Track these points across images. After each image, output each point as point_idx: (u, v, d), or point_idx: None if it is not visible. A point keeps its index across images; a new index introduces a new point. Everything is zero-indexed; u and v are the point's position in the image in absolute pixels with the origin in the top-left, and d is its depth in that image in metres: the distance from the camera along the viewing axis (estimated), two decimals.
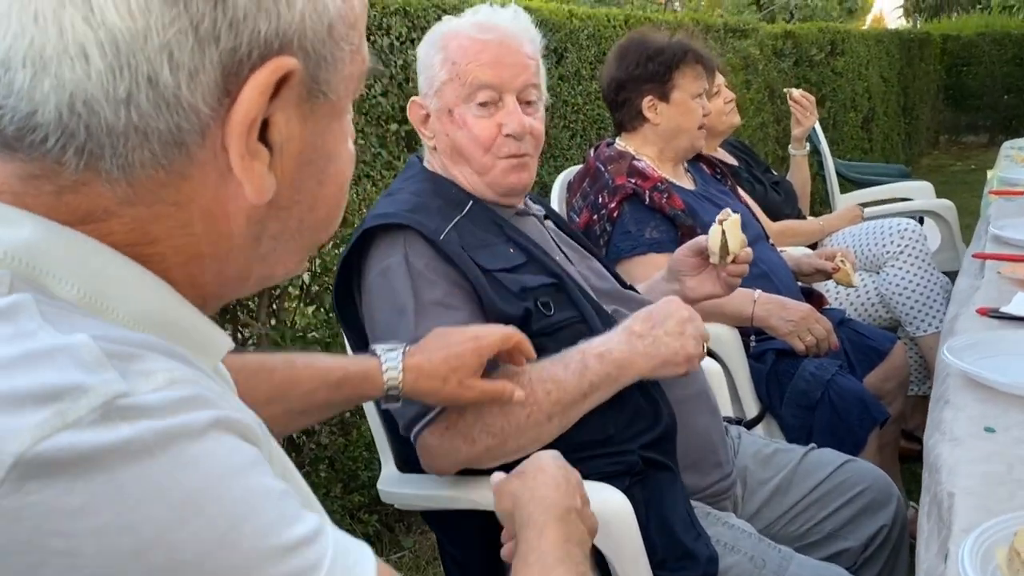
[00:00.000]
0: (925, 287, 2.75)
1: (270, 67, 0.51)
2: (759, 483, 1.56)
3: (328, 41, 0.55)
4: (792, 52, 5.74)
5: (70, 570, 0.42)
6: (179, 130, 0.51)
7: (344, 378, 1.12)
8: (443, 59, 1.39)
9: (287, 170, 0.56)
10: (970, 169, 8.73)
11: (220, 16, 0.49)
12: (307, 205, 0.59)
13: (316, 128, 0.57)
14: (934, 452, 0.95)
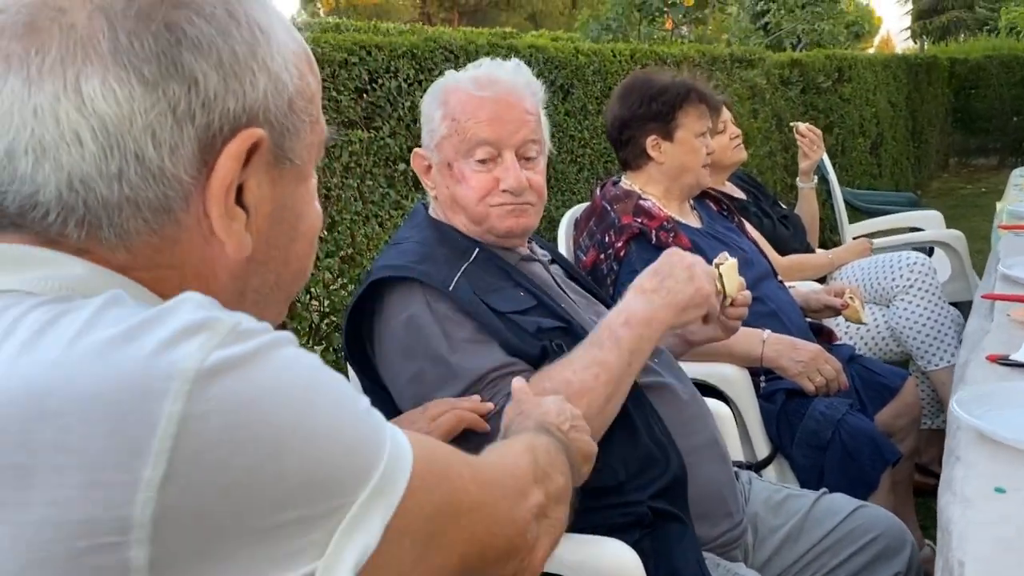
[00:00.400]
0: (936, 321, 2.73)
1: (241, 138, 0.59)
2: (770, 531, 1.54)
3: (289, 114, 0.63)
4: (799, 80, 5.76)
5: (251, 447, 0.51)
6: (166, 198, 0.58)
7: None
8: (443, 114, 1.41)
9: (261, 229, 0.64)
10: (980, 192, 8.71)
11: (194, 98, 0.57)
12: (281, 260, 0.67)
13: (285, 191, 0.65)
14: (945, 514, 0.95)
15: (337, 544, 0.54)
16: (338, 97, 2.20)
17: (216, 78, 0.58)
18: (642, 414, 1.36)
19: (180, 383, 0.49)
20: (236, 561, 0.50)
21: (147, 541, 0.47)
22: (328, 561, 0.53)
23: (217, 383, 0.50)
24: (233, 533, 0.50)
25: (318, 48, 2.16)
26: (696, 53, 4.61)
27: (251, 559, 0.51)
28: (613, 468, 1.30)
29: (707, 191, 2.53)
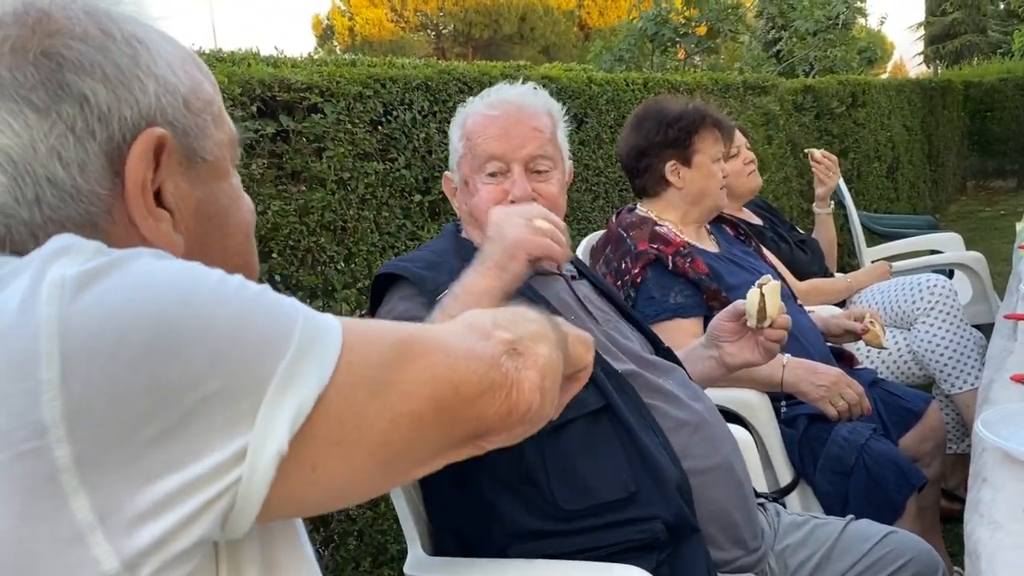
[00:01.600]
0: (958, 343, 2.70)
1: (142, 139, 0.63)
2: (799, 564, 1.51)
3: (188, 114, 0.67)
4: (813, 106, 5.76)
5: None
6: (89, 214, 0.61)
7: None
8: (460, 135, 1.52)
9: (190, 227, 0.67)
10: (999, 215, 8.65)
11: (89, 115, 0.61)
12: (218, 257, 0.68)
13: (205, 188, 0.68)
14: (973, 537, 0.93)
15: (267, 410, 0.54)
16: (353, 129, 2.22)
17: (105, 92, 0.61)
18: (643, 425, 1.36)
19: (52, 289, 0.51)
20: (164, 445, 0.51)
21: (66, 440, 0.49)
22: (260, 429, 0.53)
23: (90, 285, 0.52)
24: (150, 417, 0.51)
25: (333, 82, 2.19)
26: (709, 81, 4.63)
27: (179, 440, 0.51)
28: (623, 481, 1.30)
29: (723, 216, 2.53)
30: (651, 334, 1.63)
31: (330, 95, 2.17)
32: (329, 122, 2.14)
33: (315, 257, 2.08)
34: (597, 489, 1.29)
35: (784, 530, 1.57)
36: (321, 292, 2.12)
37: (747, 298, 1.55)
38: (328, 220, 2.10)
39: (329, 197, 2.09)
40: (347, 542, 2.26)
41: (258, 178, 1.94)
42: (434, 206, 2.52)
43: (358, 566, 2.24)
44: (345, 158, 2.16)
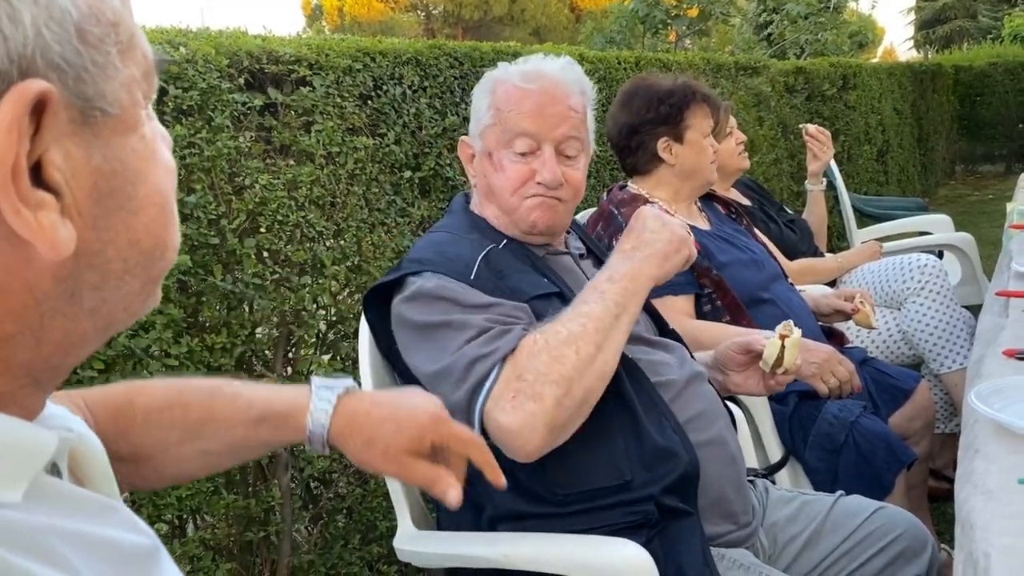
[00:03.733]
0: (948, 323, 2.71)
1: (11, 98, 0.42)
2: (789, 539, 1.52)
3: (83, 48, 0.46)
4: (804, 88, 5.75)
5: None
6: None
7: (263, 416, 0.92)
8: (489, 104, 1.45)
9: (84, 210, 0.47)
10: (988, 199, 8.68)
11: None
12: (123, 241, 0.50)
13: (107, 151, 0.48)
14: (967, 506, 0.92)
15: None
16: (342, 103, 2.19)
17: None
18: (653, 412, 1.34)
19: None
20: None
21: None
22: None
23: None
24: None
25: (322, 55, 2.16)
26: (701, 61, 4.61)
27: None
28: (618, 468, 1.29)
29: (715, 195, 2.52)
30: (654, 311, 1.62)
31: (319, 68, 2.14)
32: (318, 95, 2.11)
33: (304, 232, 2.06)
34: (591, 475, 1.29)
35: (773, 505, 1.57)
36: (310, 268, 2.10)
37: (767, 346, 1.52)
38: (317, 195, 2.07)
39: (318, 172, 2.07)
40: (336, 519, 2.25)
41: (246, 151, 1.92)
42: (424, 182, 2.50)
43: (347, 543, 2.23)
44: (334, 132, 2.13)
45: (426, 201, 2.49)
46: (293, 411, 0.93)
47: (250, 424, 0.92)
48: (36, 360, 0.49)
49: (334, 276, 2.16)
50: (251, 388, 0.96)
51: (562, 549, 1.24)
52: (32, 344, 0.48)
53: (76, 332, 0.50)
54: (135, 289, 0.52)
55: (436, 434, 0.94)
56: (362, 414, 0.94)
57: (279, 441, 0.99)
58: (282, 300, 1.99)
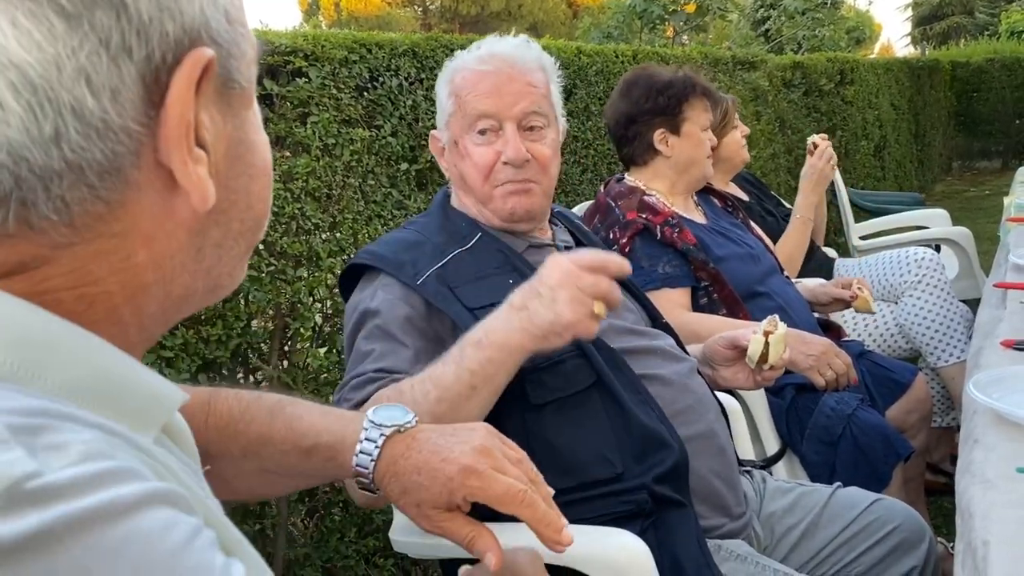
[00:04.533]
0: (945, 316, 2.71)
1: (190, 61, 0.49)
2: (786, 530, 1.51)
3: (228, 27, 0.53)
4: (801, 83, 5.74)
5: None
6: (115, 156, 0.48)
7: (314, 447, 0.91)
8: (449, 92, 1.44)
9: (221, 171, 0.54)
10: (984, 195, 8.69)
11: (126, 26, 0.47)
12: (244, 204, 0.57)
13: (235, 121, 0.55)
14: (966, 495, 0.92)
15: None
16: (338, 95, 2.18)
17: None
18: (639, 401, 1.33)
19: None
20: None
21: None
22: None
23: (38, 535, 0.37)
24: None
25: (318, 46, 2.15)
26: (698, 55, 4.60)
27: None
28: (609, 461, 1.28)
29: (711, 188, 2.52)
30: (647, 303, 1.61)
31: (315, 59, 2.13)
32: (314, 87, 2.10)
33: (299, 224, 2.05)
34: (583, 468, 1.28)
35: (770, 496, 1.56)
36: (306, 260, 2.09)
37: (751, 342, 1.51)
38: (313, 187, 2.06)
39: (314, 163, 2.06)
40: (332, 512, 2.24)
41: None
42: (421, 175, 2.49)
43: (343, 536, 2.23)
44: (330, 124, 2.12)
45: (423, 194, 2.48)
46: (340, 446, 0.90)
47: (302, 453, 0.91)
48: (159, 311, 0.54)
49: (330, 268, 2.15)
50: (312, 413, 0.93)
51: None
52: (161, 295, 0.53)
53: (192, 288, 0.55)
54: (240, 253, 0.58)
55: (467, 490, 0.86)
56: (400, 459, 0.88)
57: (332, 475, 0.96)
58: (278, 292, 1.98)
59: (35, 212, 0.47)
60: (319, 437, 0.91)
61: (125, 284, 0.51)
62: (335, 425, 0.92)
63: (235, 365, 2.02)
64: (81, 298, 0.49)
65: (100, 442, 0.43)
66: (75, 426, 0.43)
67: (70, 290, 0.49)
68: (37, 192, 0.46)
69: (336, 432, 0.91)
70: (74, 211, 0.47)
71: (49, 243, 0.48)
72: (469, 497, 0.86)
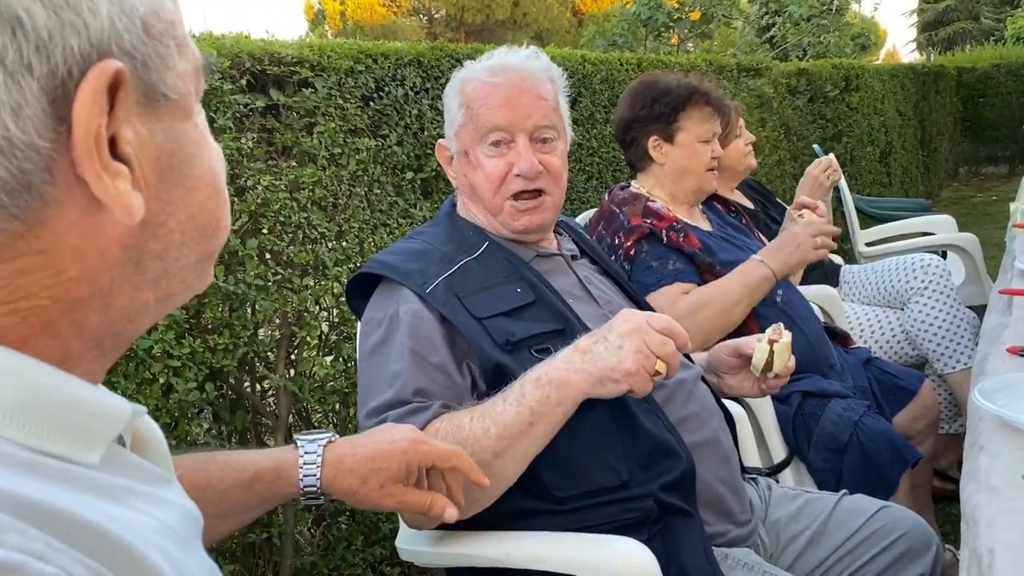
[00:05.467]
0: (951, 323, 2.70)
1: (93, 74, 0.48)
2: (792, 537, 1.51)
3: (147, 40, 0.53)
4: (806, 89, 5.74)
5: None
6: (22, 172, 0.47)
7: (256, 475, 1.00)
8: (459, 103, 1.45)
9: (150, 183, 0.53)
10: (992, 200, 8.66)
11: (23, 43, 0.46)
12: (183, 215, 0.56)
13: (167, 133, 0.55)
14: (971, 503, 0.92)
15: None
16: (344, 105, 2.20)
17: (43, 13, 0.47)
18: (646, 409, 1.34)
19: None
20: None
21: None
22: None
23: None
24: None
25: (324, 56, 2.16)
26: (703, 62, 4.61)
27: None
28: (615, 469, 1.28)
29: (716, 196, 2.52)
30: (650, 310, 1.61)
31: (321, 69, 2.14)
32: (320, 97, 2.11)
33: (306, 234, 2.06)
34: (589, 476, 1.28)
35: (775, 503, 1.56)
36: (312, 269, 2.10)
37: (756, 350, 1.51)
38: (319, 196, 2.07)
39: (320, 173, 2.07)
40: (339, 521, 2.25)
41: (248, 153, 1.92)
42: (426, 183, 2.50)
43: (350, 545, 2.23)
44: (336, 134, 2.14)
45: (428, 202, 2.49)
46: (283, 466, 1.02)
47: (244, 484, 1.00)
48: (103, 324, 0.54)
49: (336, 277, 2.16)
50: (240, 453, 1.04)
51: (564, 548, 1.23)
52: (101, 308, 0.53)
53: (139, 300, 0.55)
54: (191, 262, 0.58)
55: (419, 457, 1.04)
56: (348, 457, 1.03)
57: (274, 497, 1.05)
58: (284, 301, 1.99)
59: None
60: (258, 464, 1.01)
61: (58, 299, 0.51)
62: (269, 453, 1.05)
63: (242, 374, 2.03)
64: (12, 314, 0.49)
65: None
66: None
67: (2, 306, 0.49)
68: None
69: (273, 456, 1.03)
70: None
71: None
72: (424, 461, 1.04)
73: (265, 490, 1.02)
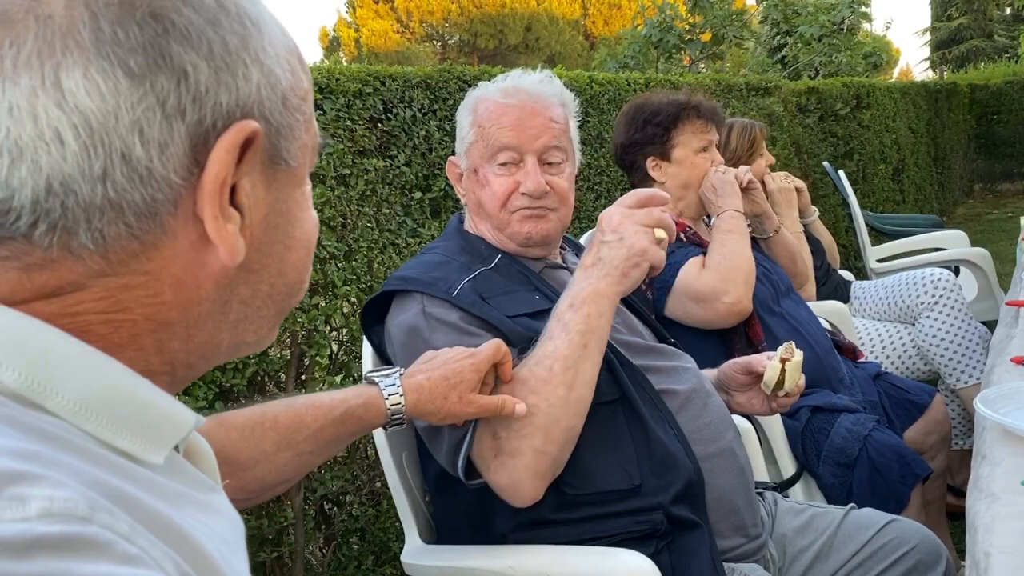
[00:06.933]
0: (963, 337, 2.68)
1: (235, 129, 0.55)
2: (799, 551, 1.50)
3: (283, 111, 0.59)
4: (817, 108, 5.75)
5: None
6: (153, 201, 0.53)
7: (347, 412, 1.13)
8: (471, 121, 1.48)
9: (255, 234, 0.59)
10: (1007, 217, 8.61)
11: (184, 92, 0.53)
12: (276, 269, 0.62)
13: (279, 194, 0.60)
14: (972, 510, 0.92)
15: None
16: (352, 126, 2.23)
17: (207, 70, 0.54)
18: (658, 418, 1.34)
19: None
20: None
21: None
22: None
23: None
24: None
25: (332, 79, 2.20)
26: (712, 82, 4.63)
27: None
28: (626, 471, 1.29)
29: None
30: (655, 325, 1.62)
31: (329, 91, 2.17)
32: (328, 118, 2.14)
33: (315, 253, 2.08)
34: (601, 478, 1.29)
35: (782, 517, 1.55)
36: (322, 289, 2.12)
37: (767, 368, 1.51)
38: (328, 216, 2.10)
39: (329, 193, 2.09)
40: (349, 541, 2.25)
41: None
42: (435, 203, 2.52)
43: (360, 564, 2.23)
44: (345, 155, 2.16)
45: (436, 222, 2.51)
46: (371, 401, 1.14)
47: (336, 422, 1.12)
48: (181, 352, 0.59)
49: (345, 297, 2.17)
50: (320, 394, 1.16)
51: (568, 560, 1.24)
52: (184, 336, 0.58)
53: (215, 339, 0.60)
54: (269, 315, 0.63)
55: (483, 363, 1.19)
56: (425, 382, 1.16)
57: (362, 429, 1.18)
58: (294, 321, 2.00)
59: (76, 241, 0.52)
60: (347, 402, 1.13)
61: (149, 317, 0.56)
62: (352, 391, 1.16)
63: (252, 393, 2.04)
64: (108, 322, 0.55)
65: (74, 501, 0.43)
66: (59, 477, 0.44)
67: (98, 314, 0.54)
68: (80, 223, 0.52)
69: (357, 393, 1.15)
70: (110, 245, 0.53)
71: (85, 271, 0.53)
72: (487, 366, 1.19)
73: (355, 424, 1.14)
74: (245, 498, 1.08)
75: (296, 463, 1.09)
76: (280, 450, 1.07)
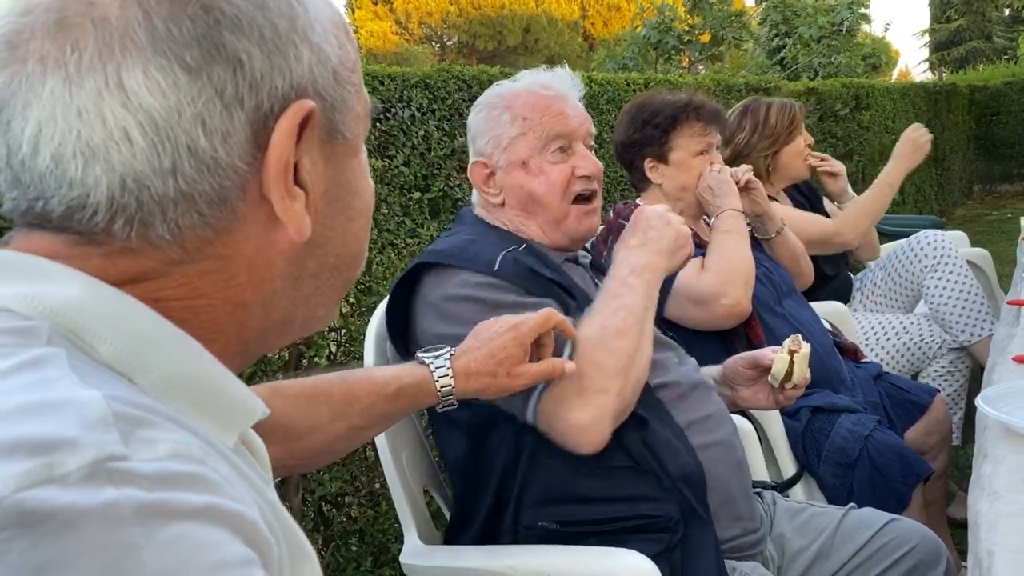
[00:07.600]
0: (965, 292, 2.79)
1: (292, 110, 0.57)
2: (798, 551, 1.49)
3: (335, 85, 0.61)
4: (816, 108, 5.75)
5: None
6: (222, 189, 0.55)
7: (400, 390, 1.15)
8: (512, 116, 1.48)
9: (319, 208, 0.61)
10: (1007, 218, 8.60)
11: (240, 81, 0.55)
12: (340, 240, 0.64)
13: (338, 167, 0.62)
14: (975, 508, 0.91)
15: None
16: None
17: (260, 56, 0.55)
18: (654, 413, 1.35)
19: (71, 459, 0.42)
20: None
21: None
22: None
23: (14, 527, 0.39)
24: None
25: None
26: (711, 82, 4.63)
27: None
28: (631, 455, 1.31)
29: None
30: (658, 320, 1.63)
31: None
32: None
33: None
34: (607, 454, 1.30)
35: (780, 516, 1.55)
36: None
37: (776, 361, 1.53)
38: None
39: None
40: (348, 542, 2.24)
41: None
42: (434, 203, 2.52)
43: (359, 566, 2.23)
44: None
45: (435, 222, 2.50)
46: (421, 381, 1.16)
47: (389, 398, 1.14)
48: (259, 329, 0.61)
49: (344, 297, 2.17)
50: (376, 370, 1.20)
51: (568, 560, 1.23)
52: (262, 314, 0.61)
53: (291, 315, 0.63)
54: (336, 287, 0.66)
55: (527, 334, 1.19)
56: (472, 363, 1.18)
57: (414, 407, 1.23)
58: None
59: (153, 232, 0.55)
60: (401, 380, 1.16)
61: (228, 300, 0.58)
62: (405, 368, 1.19)
63: None
64: (188, 308, 0.57)
65: (192, 446, 0.48)
66: (173, 426, 0.48)
67: (179, 300, 0.57)
68: (155, 215, 0.54)
69: (410, 372, 1.17)
70: (186, 234, 0.55)
71: (164, 260, 0.56)
72: (531, 336, 1.19)
73: (407, 402, 1.17)
74: (295, 464, 1.13)
75: (349, 435, 1.13)
76: (335, 420, 1.10)
